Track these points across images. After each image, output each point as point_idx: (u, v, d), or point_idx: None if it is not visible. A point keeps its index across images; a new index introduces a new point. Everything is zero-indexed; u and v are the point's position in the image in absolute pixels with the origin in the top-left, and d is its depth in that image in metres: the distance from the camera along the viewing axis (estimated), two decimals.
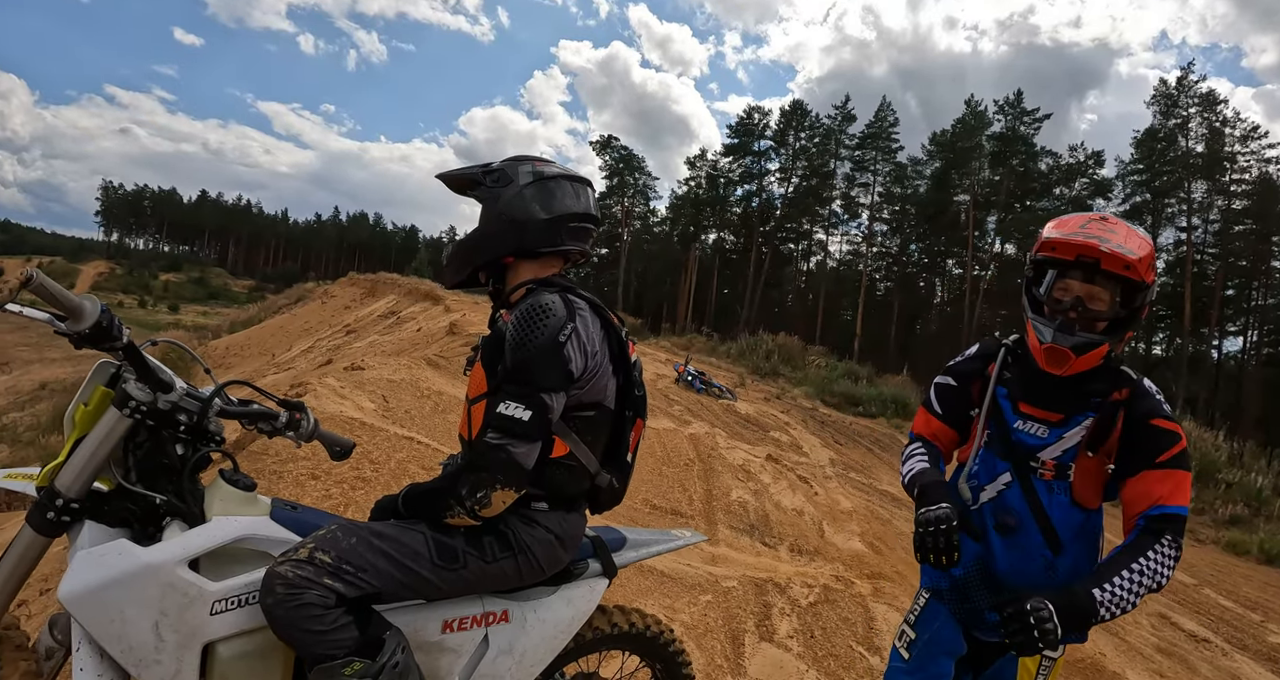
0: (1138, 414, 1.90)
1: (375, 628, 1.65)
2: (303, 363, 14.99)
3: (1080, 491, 1.97)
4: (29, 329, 33.45)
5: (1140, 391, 1.93)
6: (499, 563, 1.80)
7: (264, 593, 1.56)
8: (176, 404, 1.66)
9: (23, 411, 19.22)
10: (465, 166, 2.01)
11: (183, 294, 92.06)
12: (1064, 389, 1.97)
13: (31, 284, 1.35)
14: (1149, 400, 1.92)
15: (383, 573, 1.66)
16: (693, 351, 23.95)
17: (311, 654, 1.55)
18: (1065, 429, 1.96)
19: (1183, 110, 41.63)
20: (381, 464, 4.87)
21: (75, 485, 1.59)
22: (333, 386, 6.63)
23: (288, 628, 1.54)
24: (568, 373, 1.75)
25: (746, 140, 58.22)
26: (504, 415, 1.68)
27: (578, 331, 1.78)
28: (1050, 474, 1.98)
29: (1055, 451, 1.97)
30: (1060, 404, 1.98)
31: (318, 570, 1.57)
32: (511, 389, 1.70)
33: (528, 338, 1.72)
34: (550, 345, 1.72)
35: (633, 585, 4.44)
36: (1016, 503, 2.00)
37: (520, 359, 1.71)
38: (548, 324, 1.74)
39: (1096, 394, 1.94)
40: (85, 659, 1.53)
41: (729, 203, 60.61)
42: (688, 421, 11.55)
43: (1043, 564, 1.97)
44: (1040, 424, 2.00)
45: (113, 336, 1.53)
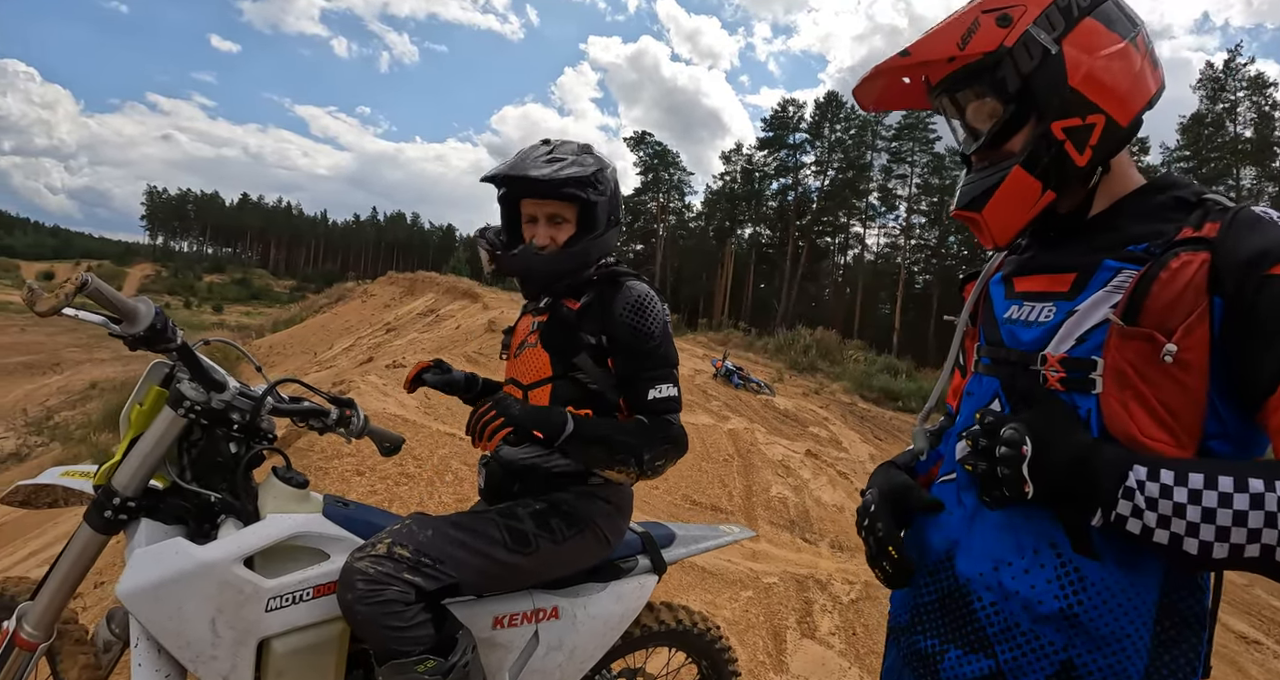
0: (1244, 260, 0.99)
1: (450, 627, 1.66)
2: (344, 361, 15.18)
3: (1120, 413, 1.06)
4: (79, 331, 34.30)
5: (1244, 221, 1.03)
6: (569, 541, 1.83)
7: (343, 588, 1.57)
8: (230, 403, 1.68)
9: (74, 410, 19.71)
10: (535, 161, 1.87)
11: (226, 295, 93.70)
12: (1083, 238, 1.19)
13: (87, 288, 1.37)
14: (1263, 229, 1.01)
15: (461, 562, 1.67)
16: (730, 346, 23.84)
17: (387, 650, 1.56)
18: (1083, 296, 1.12)
19: (1231, 94, 40.58)
20: (424, 460, 4.92)
21: (132, 484, 1.62)
22: (375, 384, 6.71)
23: (367, 624, 1.55)
24: (674, 350, 1.90)
25: (781, 133, 57.89)
26: (659, 398, 1.82)
27: (668, 314, 1.93)
28: (1057, 382, 1.12)
29: (1066, 339, 1.12)
30: (1073, 256, 1.18)
31: (397, 565, 1.59)
32: (657, 373, 1.83)
33: (652, 325, 1.85)
34: (665, 329, 1.88)
35: (674, 581, 4.44)
36: None
37: (652, 346, 1.84)
38: (658, 311, 1.88)
39: (1142, 239, 1.11)
40: (143, 655, 1.56)
41: (764, 197, 60.33)
42: (726, 417, 11.51)
43: (1052, 570, 1.11)
44: (1041, 302, 1.19)
45: (167, 338, 1.56)
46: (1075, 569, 1.09)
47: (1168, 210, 1.13)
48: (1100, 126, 1.12)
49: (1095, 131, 1.13)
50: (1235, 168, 39.70)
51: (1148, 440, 1.03)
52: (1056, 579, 1.10)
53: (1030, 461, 1.02)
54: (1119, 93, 1.13)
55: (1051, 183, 1.16)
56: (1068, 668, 1.08)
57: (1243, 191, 39.38)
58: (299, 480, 1.76)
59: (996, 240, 1.23)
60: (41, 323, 37.61)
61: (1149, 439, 1.04)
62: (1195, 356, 1.01)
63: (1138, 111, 1.14)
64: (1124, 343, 1.05)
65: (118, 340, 1.58)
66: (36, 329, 36.22)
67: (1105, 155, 1.15)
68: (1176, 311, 1.01)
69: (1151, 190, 1.18)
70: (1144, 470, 0.96)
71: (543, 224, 1.89)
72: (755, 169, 60.05)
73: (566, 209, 1.88)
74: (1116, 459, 0.99)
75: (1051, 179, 1.16)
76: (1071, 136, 1.13)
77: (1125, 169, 1.20)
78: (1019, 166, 1.16)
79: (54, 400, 22.16)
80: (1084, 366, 1.09)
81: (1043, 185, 1.16)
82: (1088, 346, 1.09)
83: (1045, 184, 1.16)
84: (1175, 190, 1.15)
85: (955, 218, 1.28)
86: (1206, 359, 1.01)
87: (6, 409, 21.16)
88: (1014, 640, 1.13)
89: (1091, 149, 1.13)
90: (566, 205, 1.88)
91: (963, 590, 1.22)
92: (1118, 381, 1.06)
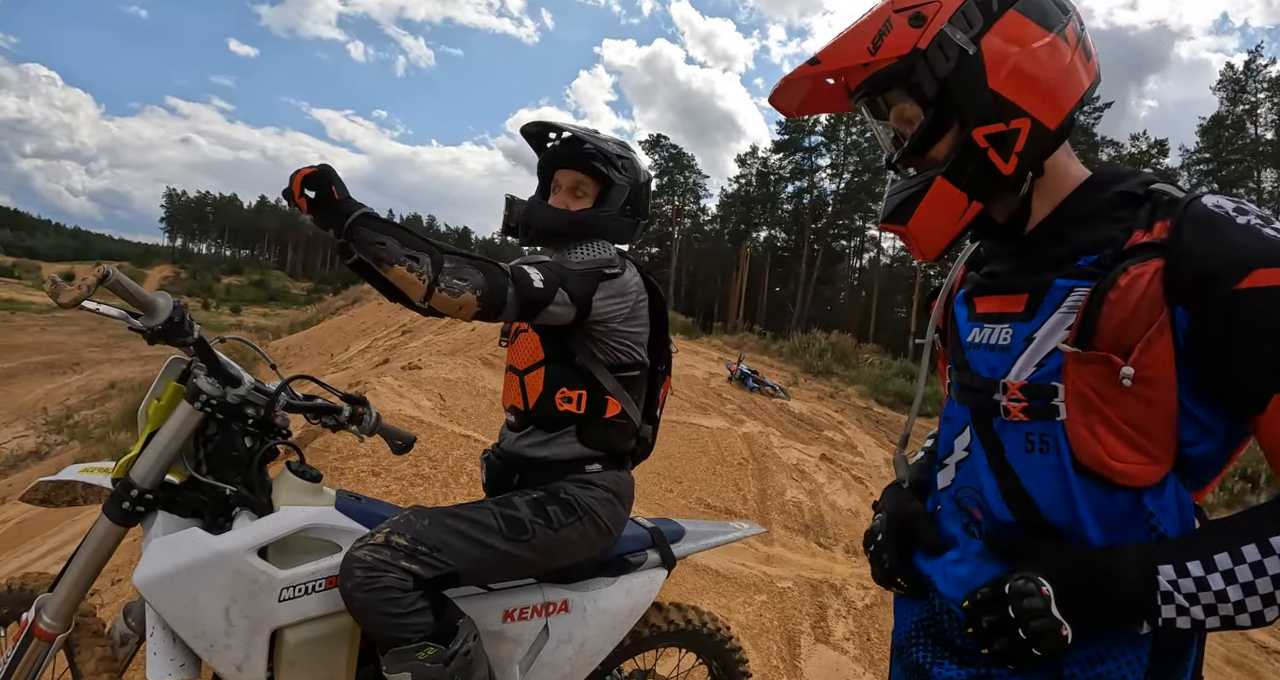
0: (1205, 273, 0.91)
1: (449, 614, 1.68)
2: (360, 362, 15.26)
3: (1087, 439, 1.00)
4: (98, 330, 34.70)
5: (1196, 221, 0.94)
6: (566, 528, 1.82)
7: (343, 576, 1.59)
8: (245, 398, 1.70)
9: (93, 409, 19.92)
10: (586, 133, 2.01)
11: (244, 296, 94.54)
12: (1031, 253, 1.12)
13: (108, 281, 1.39)
14: (1219, 231, 0.93)
15: (457, 551, 1.68)
16: (745, 350, 23.80)
17: (387, 637, 1.58)
18: (1038, 318, 1.05)
19: (1251, 95, 40.21)
20: (439, 461, 4.94)
21: (149, 476, 1.65)
22: (391, 385, 6.74)
23: (366, 611, 1.56)
24: (588, 296, 1.77)
25: (797, 136, 57.81)
26: (519, 267, 1.65)
27: (618, 278, 1.87)
28: (1020, 411, 1.05)
29: (1026, 366, 1.05)
30: (1025, 276, 1.10)
31: (395, 553, 1.60)
32: (540, 265, 1.70)
33: (584, 259, 1.86)
34: (593, 271, 1.81)
35: (688, 584, 4.43)
36: (981, 477, 1.13)
37: (565, 262, 1.81)
38: (599, 256, 1.88)
39: (1091, 249, 1.02)
40: (159, 643, 1.58)
41: (780, 200, 60.37)
42: (741, 420, 11.49)
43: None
44: (999, 324, 1.11)
45: (184, 332, 1.57)
46: None
47: (1114, 209, 1.04)
48: (1026, 131, 1.04)
49: (1020, 137, 1.04)
50: (1256, 170, 39.42)
51: (1119, 464, 0.98)
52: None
53: (1060, 603, 0.96)
54: (1045, 93, 1.04)
55: (977, 193, 1.08)
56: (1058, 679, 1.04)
57: (1264, 194, 39.00)
58: (312, 474, 1.78)
59: (925, 254, 1.15)
60: (62, 322, 38.08)
61: (1120, 462, 0.98)
62: (1158, 372, 0.95)
63: (1068, 111, 1.05)
64: (1081, 367, 0.99)
65: (136, 341, 1.59)
66: (57, 329, 36.65)
67: (1034, 161, 1.07)
68: (1132, 329, 0.95)
69: (1094, 187, 1.08)
70: (1170, 569, 0.91)
71: (563, 191, 2.00)
72: (770, 172, 60.06)
73: (588, 183, 1.99)
74: (1136, 565, 0.94)
75: (977, 189, 1.08)
76: (995, 144, 1.05)
77: (1063, 168, 1.11)
78: (941, 178, 1.08)
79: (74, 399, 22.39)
80: (1045, 393, 1.03)
81: (968, 197, 1.08)
82: (1047, 371, 1.03)
83: (971, 195, 1.08)
84: (1120, 184, 1.06)
85: (883, 230, 1.22)
86: (1171, 371, 0.95)
87: (27, 407, 21.40)
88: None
89: (1017, 155, 1.05)
90: (588, 179, 1.98)
91: (950, 609, 1.18)
92: (1080, 406, 1.00)
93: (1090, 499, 1.01)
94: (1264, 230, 0.91)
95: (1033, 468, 1.05)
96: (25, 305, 51.35)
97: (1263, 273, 0.88)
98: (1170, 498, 0.99)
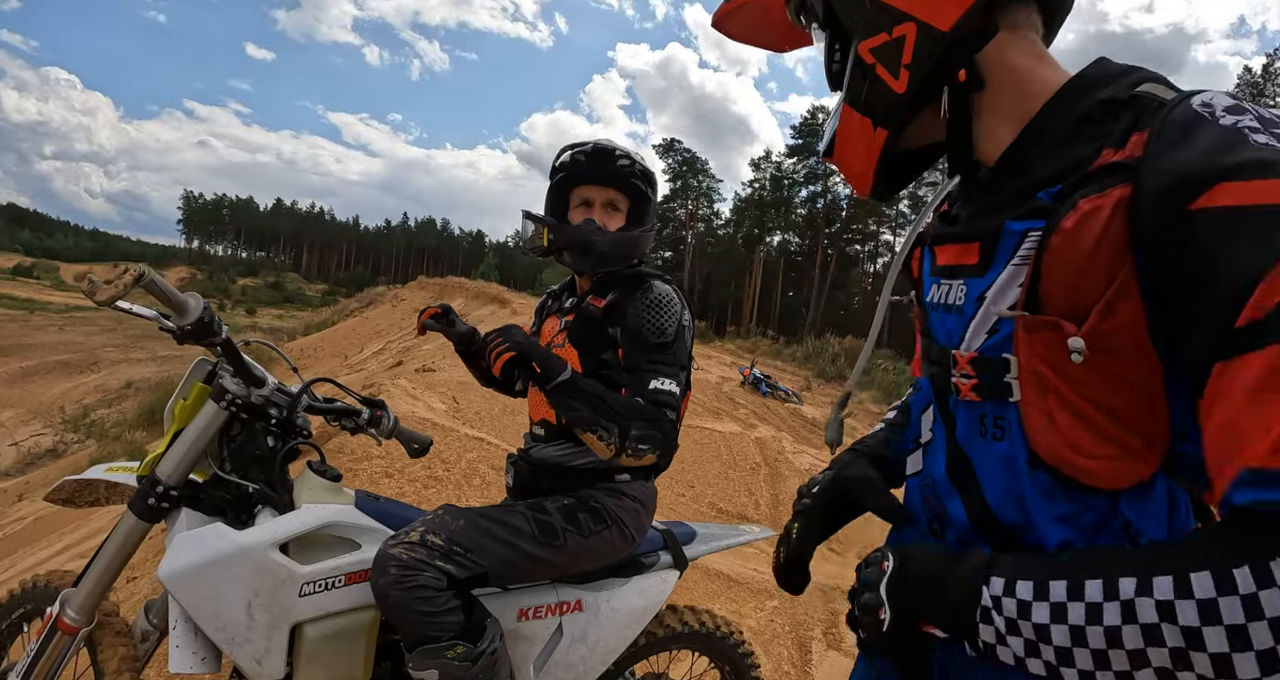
0: (1163, 191, 0.66)
1: (478, 614, 1.71)
2: (374, 364, 15.33)
3: (1044, 428, 0.78)
4: (117, 331, 34.96)
5: (1176, 126, 0.68)
6: (596, 535, 1.84)
7: (376, 573, 1.62)
8: (268, 398, 1.74)
9: (110, 408, 20.08)
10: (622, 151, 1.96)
11: (259, 298, 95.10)
12: (994, 190, 0.87)
13: (144, 281, 1.43)
14: (1194, 135, 0.66)
15: (490, 553, 1.71)
16: (758, 355, 23.78)
17: (417, 634, 1.60)
18: (991, 273, 0.82)
19: (1270, 99, 39.86)
20: (453, 464, 4.97)
21: (175, 474, 1.68)
22: (405, 387, 6.78)
23: (398, 608, 1.59)
24: (690, 354, 1.88)
25: (811, 141, 57.68)
26: (661, 390, 1.77)
27: (690, 319, 1.91)
28: (970, 390, 0.85)
29: (978, 333, 0.84)
30: (980, 220, 0.87)
31: (430, 552, 1.63)
32: (660, 368, 1.80)
33: (665, 325, 1.83)
34: (680, 330, 1.85)
35: (700, 589, 4.43)
36: (937, 464, 0.95)
37: (662, 342, 1.82)
38: (676, 312, 1.86)
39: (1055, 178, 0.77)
40: (181, 637, 1.62)
41: (794, 204, 60.25)
42: (754, 425, 11.48)
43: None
44: (954, 279, 0.90)
45: (213, 332, 1.61)
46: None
47: (1091, 123, 0.77)
48: (911, 38, 0.84)
49: (906, 46, 0.84)
50: None
51: (1089, 461, 0.75)
52: None
53: (889, 580, 0.82)
54: None
55: (878, 118, 0.89)
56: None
57: None
58: (333, 474, 1.81)
59: (858, 190, 0.99)
60: (80, 322, 38.42)
61: (1091, 458, 0.75)
62: (1126, 340, 0.72)
63: (966, 8, 0.81)
64: (1031, 336, 0.77)
65: (153, 341, 1.64)
66: (75, 328, 36.96)
67: (934, 74, 0.85)
68: (1086, 285, 0.72)
69: (1071, 95, 0.81)
70: (1000, 583, 0.72)
71: (598, 209, 1.95)
72: (784, 176, 59.98)
73: (622, 200, 1.97)
74: (975, 567, 0.75)
75: (876, 114, 0.89)
76: (880, 56, 0.87)
77: (1025, 76, 0.85)
78: (845, 104, 0.92)
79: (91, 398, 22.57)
80: (996, 367, 0.81)
81: (873, 121, 0.90)
82: (998, 340, 0.81)
83: (874, 120, 0.90)
84: (1103, 89, 0.78)
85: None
86: (1146, 338, 0.71)
87: (45, 406, 21.60)
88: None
89: (907, 69, 0.85)
90: (622, 196, 1.96)
91: None
92: (1036, 385, 0.78)
93: (1050, 500, 0.79)
94: (1254, 135, 0.64)
95: (985, 457, 0.85)
96: (44, 305, 51.88)
97: (1229, 187, 0.61)
98: (1159, 503, 0.77)
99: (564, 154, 1.98)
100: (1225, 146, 0.64)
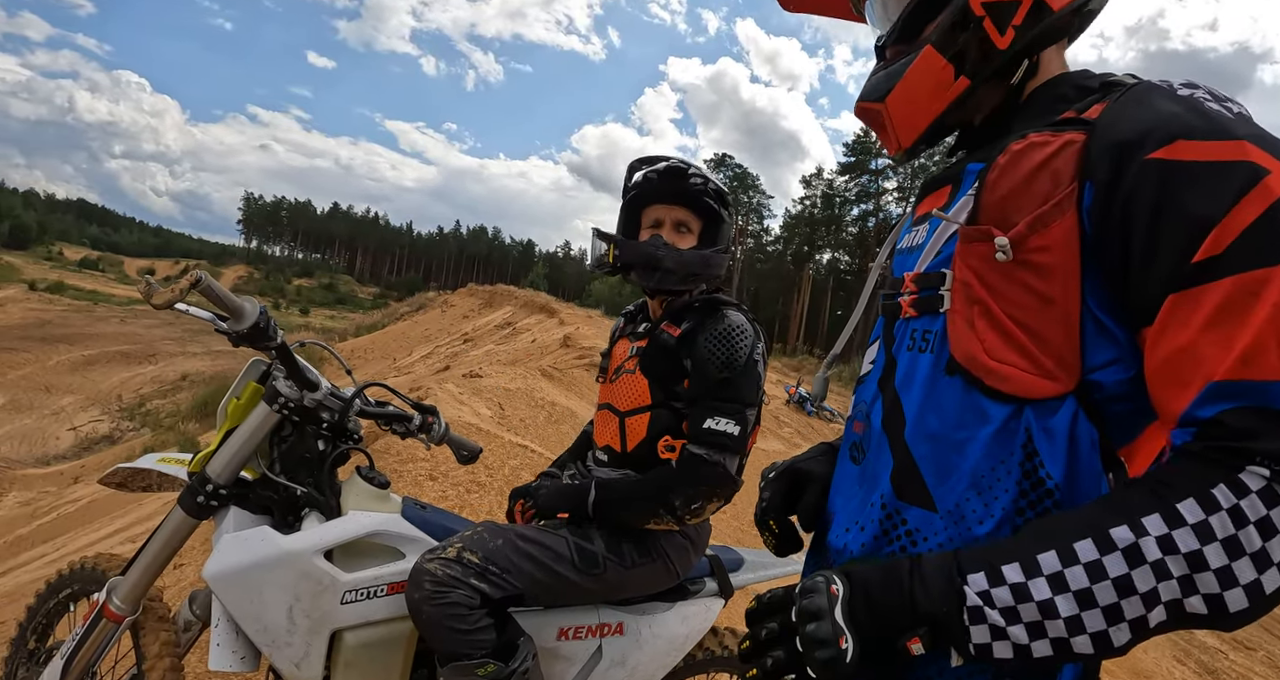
0: (1121, 140, 0.75)
1: (511, 632, 1.68)
2: (422, 368, 15.53)
3: (964, 334, 0.84)
4: (174, 325, 35.92)
5: (1135, 95, 0.80)
6: (638, 569, 1.81)
7: (411, 587, 1.60)
8: (321, 402, 1.74)
9: (165, 399, 20.63)
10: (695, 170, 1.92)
11: (313, 298, 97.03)
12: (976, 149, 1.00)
13: (200, 286, 1.44)
14: (1152, 99, 0.78)
15: (526, 575, 1.68)
16: (804, 373, 23.56)
17: (449, 651, 1.58)
18: (950, 207, 0.92)
19: None
20: (496, 470, 4.98)
21: (224, 473, 1.69)
22: (452, 392, 6.84)
23: (431, 624, 1.57)
24: (761, 389, 1.81)
25: (863, 158, 57.37)
26: (716, 431, 1.72)
27: (763, 351, 1.84)
28: (910, 306, 0.94)
29: (926, 256, 0.94)
30: (954, 168, 0.98)
31: (465, 570, 1.61)
32: (720, 405, 1.74)
33: (733, 357, 1.76)
34: (749, 364, 1.78)
35: (735, 606, 4.37)
36: (871, 388, 1.02)
37: (726, 377, 1.75)
38: (746, 343, 1.79)
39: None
40: (223, 635, 1.63)
41: (844, 222, 59.69)
42: (798, 444, 11.37)
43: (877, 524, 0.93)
44: (923, 224, 1.00)
45: (268, 337, 1.62)
46: (902, 520, 0.90)
47: (1064, 101, 0.89)
48: (1026, 4, 0.89)
49: (1021, 9, 0.89)
50: None
51: (997, 364, 0.80)
52: (883, 533, 0.92)
53: (845, 604, 0.76)
54: None
55: (965, 67, 0.93)
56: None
57: None
58: (381, 480, 1.81)
59: (900, 139, 1.01)
60: (140, 315, 39.57)
61: (999, 362, 0.80)
62: (1056, 258, 0.78)
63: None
64: (966, 247, 0.84)
65: (210, 336, 1.66)
66: (135, 321, 38.09)
67: (1030, 40, 0.91)
68: (1020, 200, 0.80)
69: (1056, 83, 0.94)
70: (981, 577, 0.71)
71: (668, 228, 1.92)
72: (835, 194, 59.57)
73: (693, 220, 1.92)
74: (944, 570, 0.73)
75: (965, 62, 0.93)
76: (992, 12, 0.90)
77: (1047, 69, 0.96)
78: (930, 46, 0.94)
79: (147, 388, 23.21)
80: (933, 282, 0.89)
81: (956, 70, 0.93)
82: (941, 259, 0.90)
83: (959, 68, 0.93)
84: (1082, 79, 0.92)
85: (858, 115, 1.07)
86: (1075, 262, 0.78)
87: (103, 394, 22.26)
88: None
89: (1015, 29, 0.90)
90: (694, 216, 1.92)
91: (829, 558, 1.04)
92: (964, 296, 0.84)
93: (959, 409, 0.83)
94: (1207, 103, 0.75)
95: (911, 369, 0.91)
96: (107, 297, 53.61)
97: (1185, 145, 0.71)
98: (1062, 424, 0.78)
99: (635, 172, 1.95)
100: (1182, 111, 0.74)
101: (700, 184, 1.89)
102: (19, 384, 22.66)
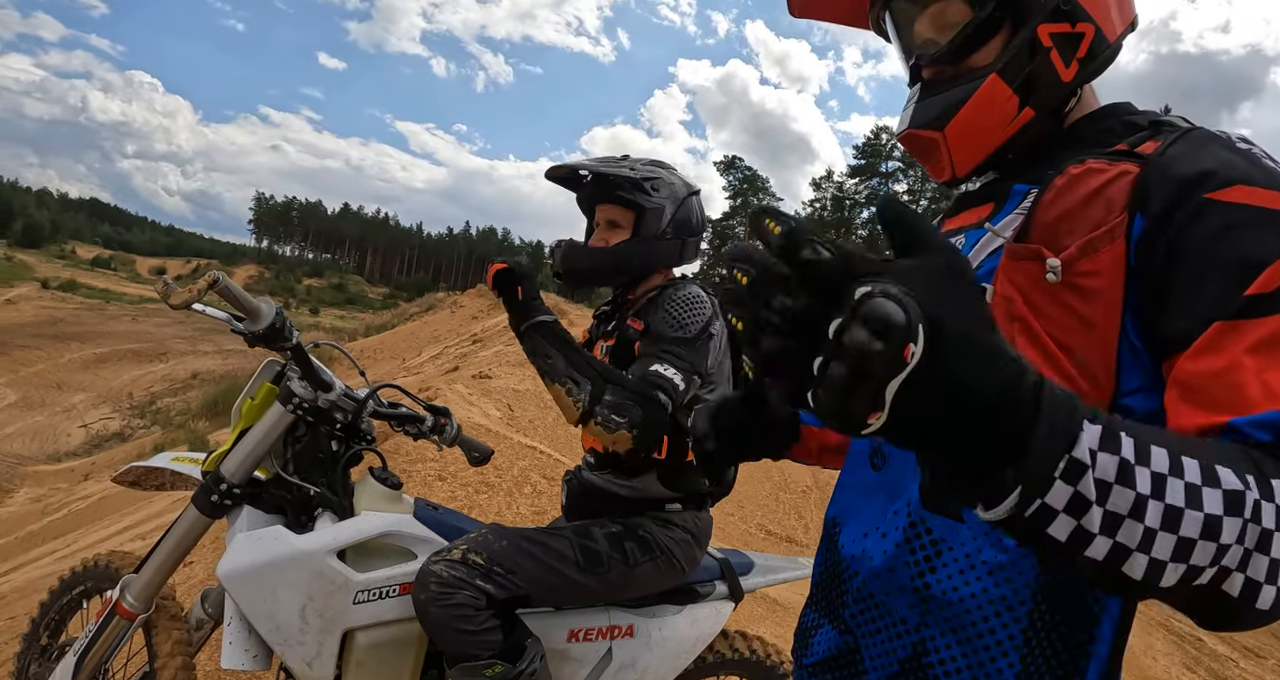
0: (1180, 176, 0.76)
1: (519, 634, 1.69)
2: (431, 368, 15.54)
3: None
4: (185, 324, 36.07)
5: (1194, 139, 0.80)
6: (641, 566, 1.81)
7: (418, 588, 1.61)
8: (334, 402, 1.75)
9: (175, 397, 20.74)
10: (598, 161, 1.93)
11: (323, 298, 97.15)
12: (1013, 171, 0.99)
13: (217, 286, 1.45)
14: (1212, 147, 0.79)
15: (531, 576, 1.69)
16: None
17: (456, 652, 1.59)
18: (995, 221, 0.92)
19: None
20: (505, 471, 4.99)
21: (238, 472, 1.71)
22: (461, 393, 6.85)
23: (437, 625, 1.59)
24: (707, 362, 1.79)
25: (873, 161, 57.24)
26: (659, 372, 1.68)
27: (723, 330, 1.83)
28: None
29: None
30: (997, 186, 0.98)
31: (470, 571, 1.62)
32: (667, 355, 1.71)
33: (686, 321, 1.75)
34: (703, 335, 1.76)
35: (745, 611, 4.37)
36: None
37: (679, 336, 1.74)
38: (702, 313, 1.78)
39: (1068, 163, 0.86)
40: (235, 633, 1.64)
41: (855, 225, 59.52)
42: None
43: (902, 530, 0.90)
44: (955, 237, 0.99)
45: (284, 337, 1.63)
46: (927, 529, 0.87)
47: (1113, 135, 0.90)
48: (1089, 37, 0.91)
49: (1084, 42, 0.91)
50: None
51: None
52: (905, 541, 0.88)
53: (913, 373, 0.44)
54: (1108, 3, 0.93)
55: (1032, 98, 0.93)
56: (919, 651, 0.85)
57: None
58: (393, 481, 1.82)
59: (957, 168, 0.98)
60: (152, 313, 39.76)
61: None
62: (1102, 283, 0.78)
63: (1123, 31, 0.95)
64: (1012, 264, 0.83)
65: (220, 335, 1.67)
66: (146, 319, 38.27)
67: (1089, 73, 0.94)
68: (1074, 224, 0.80)
69: (1103, 116, 0.95)
70: (1097, 431, 0.51)
71: (601, 228, 1.93)
72: (845, 197, 59.49)
73: (622, 215, 1.89)
74: (1064, 402, 0.51)
75: (1032, 94, 0.93)
76: (1058, 44, 0.91)
77: (1085, 100, 0.99)
78: (995, 75, 0.92)
79: (158, 386, 23.31)
80: None
81: (1020, 100, 0.93)
82: (981, 273, 0.88)
83: (1023, 99, 0.93)
84: (1129, 115, 0.94)
85: (903, 141, 1.03)
86: (1120, 289, 0.77)
87: (114, 392, 22.37)
88: (868, 613, 0.93)
89: (1079, 62, 0.92)
90: (622, 211, 1.89)
91: (843, 564, 0.99)
92: (1005, 312, 0.83)
93: None
94: (1263, 160, 0.78)
95: None
96: (119, 296, 53.92)
97: (1244, 189, 0.73)
98: None
99: (577, 176, 1.98)
100: (1240, 161, 0.76)
101: (612, 179, 1.86)
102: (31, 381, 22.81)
